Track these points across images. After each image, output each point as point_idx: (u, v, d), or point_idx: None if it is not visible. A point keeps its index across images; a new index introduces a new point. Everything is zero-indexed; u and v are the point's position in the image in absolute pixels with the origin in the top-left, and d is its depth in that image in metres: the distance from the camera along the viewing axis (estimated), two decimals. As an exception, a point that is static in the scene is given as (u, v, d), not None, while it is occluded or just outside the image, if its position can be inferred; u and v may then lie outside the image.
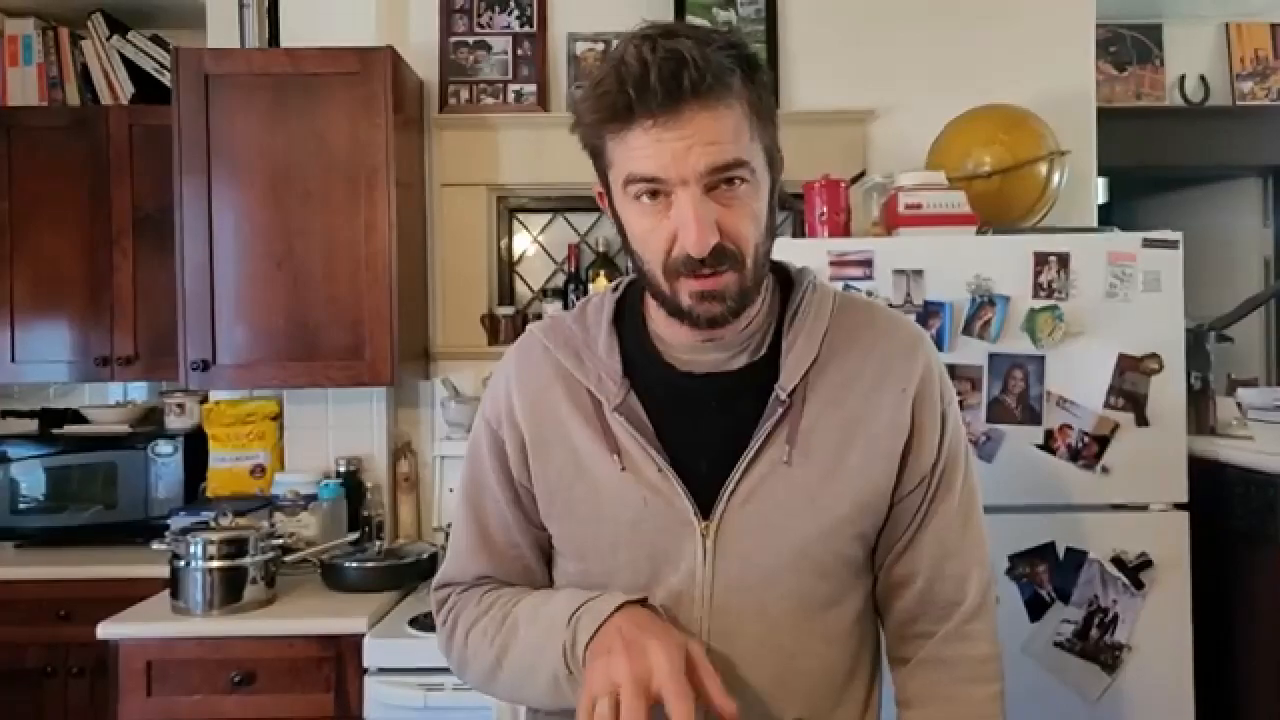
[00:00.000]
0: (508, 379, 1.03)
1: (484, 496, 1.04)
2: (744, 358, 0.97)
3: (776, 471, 0.94)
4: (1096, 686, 1.93)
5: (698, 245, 0.85)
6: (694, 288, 0.89)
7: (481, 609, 1.01)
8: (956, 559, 1.01)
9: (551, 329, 1.03)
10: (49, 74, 2.82)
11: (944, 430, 1.00)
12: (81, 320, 2.71)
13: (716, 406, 0.96)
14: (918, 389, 0.98)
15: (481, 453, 1.04)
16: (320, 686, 1.98)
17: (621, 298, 1.03)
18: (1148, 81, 3.26)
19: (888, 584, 1.03)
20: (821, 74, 2.59)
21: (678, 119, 0.84)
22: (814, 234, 2.13)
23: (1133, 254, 1.94)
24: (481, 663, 1.00)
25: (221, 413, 2.51)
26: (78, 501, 2.64)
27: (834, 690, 0.98)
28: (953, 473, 1.01)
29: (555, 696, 0.93)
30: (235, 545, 2.02)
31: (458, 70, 2.62)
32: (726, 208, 0.87)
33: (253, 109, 2.29)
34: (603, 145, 0.90)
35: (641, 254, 0.91)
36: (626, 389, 0.97)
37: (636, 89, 0.83)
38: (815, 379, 0.96)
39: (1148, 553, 1.93)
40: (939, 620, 1.01)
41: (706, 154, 0.84)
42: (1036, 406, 1.93)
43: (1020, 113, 2.33)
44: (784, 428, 0.94)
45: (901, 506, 1.00)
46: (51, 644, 2.40)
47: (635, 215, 0.90)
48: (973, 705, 1.00)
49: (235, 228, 2.31)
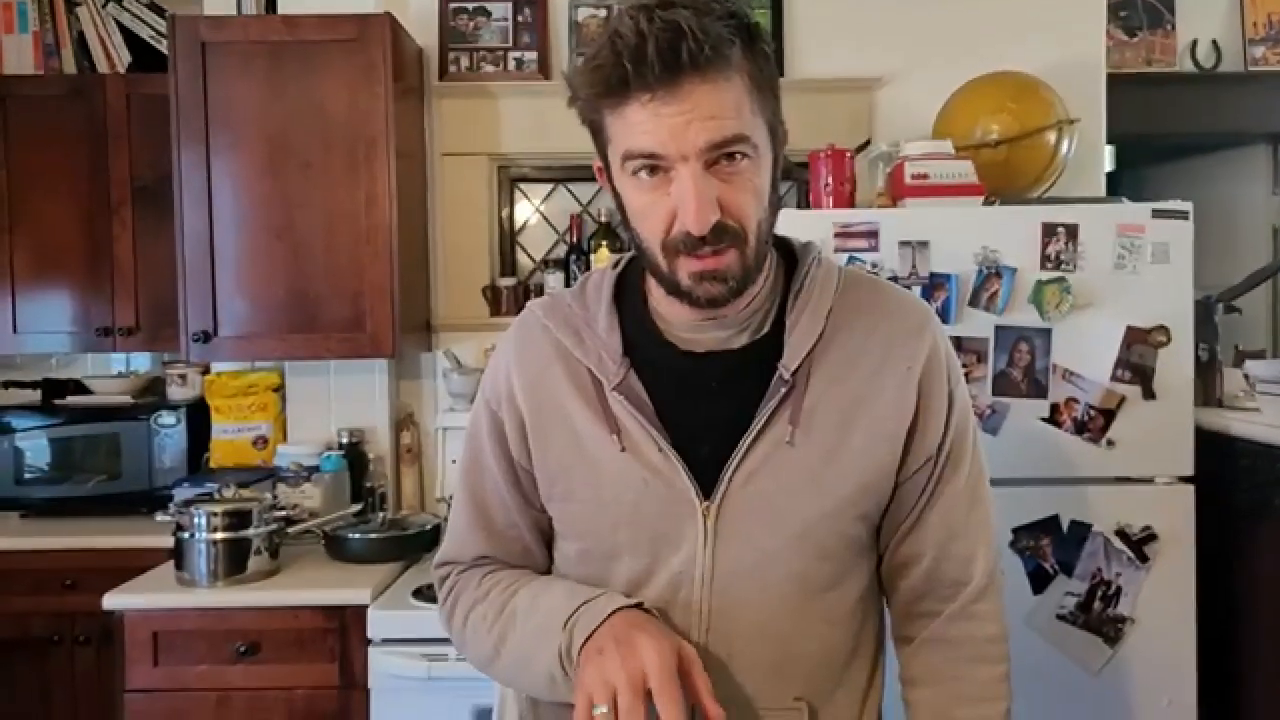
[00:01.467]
0: (507, 359, 1.02)
1: (483, 477, 1.03)
2: (746, 336, 0.95)
3: (779, 451, 0.93)
4: (1098, 659, 1.94)
5: (697, 223, 0.83)
6: (694, 268, 0.87)
7: (481, 593, 1.01)
8: (963, 539, 1.00)
9: (551, 307, 1.02)
10: (45, 41, 2.78)
11: (951, 410, 0.99)
12: (82, 291, 2.70)
13: (718, 386, 0.95)
14: (924, 368, 0.97)
15: (481, 433, 1.03)
16: (324, 657, 1.99)
17: (622, 275, 1.01)
18: (1158, 47, 3.20)
19: (893, 564, 1.02)
20: (827, 41, 2.55)
21: (676, 93, 0.81)
22: (818, 205, 2.11)
23: (1142, 225, 1.92)
24: (480, 649, 1.00)
25: (223, 384, 2.51)
26: (81, 472, 2.65)
27: (835, 671, 0.97)
28: (960, 453, 1.00)
29: (550, 692, 0.93)
30: (239, 517, 2.02)
31: (457, 37, 2.58)
32: (727, 184, 0.85)
33: (250, 77, 2.26)
34: (601, 120, 0.88)
35: (640, 231, 0.89)
36: (627, 368, 0.95)
37: (633, 62, 0.81)
38: (819, 358, 0.94)
39: (1152, 526, 1.93)
40: (945, 600, 1.00)
41: (706, 129, 0.82)
42: (1042, 379, 1.92)
43: (1029, 80, 2.29)
44: (787, 407, 0.93)
45: (907, 486, 0.99)
46: (57, 613, 2.41)
47: (634, 192, 0.88)
48: (978, 685, 0.99)
49: (235, 198, 2.28)
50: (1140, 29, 3.20)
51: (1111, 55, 2.85)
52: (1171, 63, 3.20)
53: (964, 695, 0.99)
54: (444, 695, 1.92)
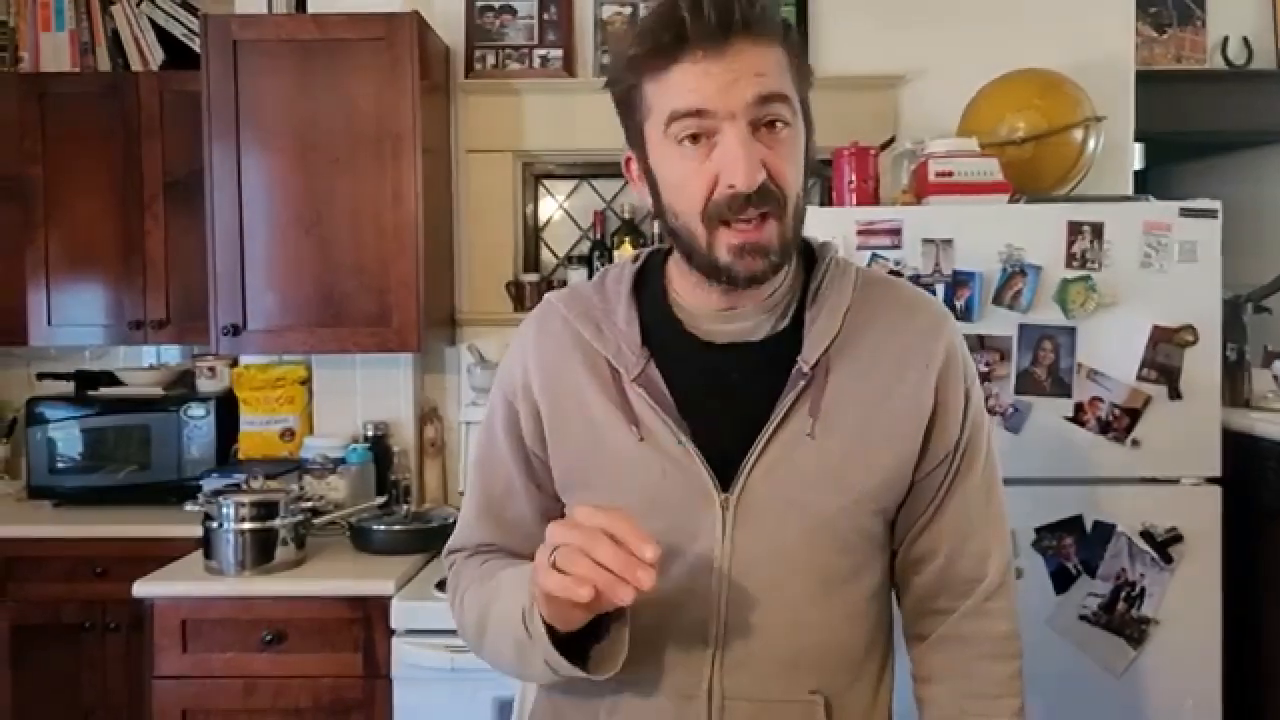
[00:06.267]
0: (524, 350, 1.02)
1: (494, 466, 1.04)
2: (766, 329, 0.96)
3: (800, 444, 0.93)
4: (1122, 660, 1.92)
5: (747, 178, 0.85)
6: (734, 240, 0.88)
7: (479, 574, 1.02)
8: (978, 536, 1.00)
9: (570, 298, 1.02)
10: (81, 39, 2.83)
11: (967, 408, 0.99)
12: (115, 284, 2.74)
13: (738, 378, 0.95)
14: (941, 367, 0.97)
15: (495, 423, 1.04)
16: (349, 646, 2.02)
17: (642, 268, 1.02)
18: (1189, 44, 3.16)
19: (908, 560, 1.03)
20: (852, 38, 2.54)
21: (726, 52, 0.84)
22: (842, 202, 2.11)
23: (1169, 224, 1.90)
24: (470, 627, 1.00)
25: (251, 377, 2.55)
26: (113, 462, 2.69)
27: (851, 665, 0.98)
28: (975, 451, 1.00)
29: (520, 661, 0.91)
30: (266, 508, 2.05)
31: (483, 35, 2.60)
32: (771, 149, 0.87)
33: (280, 75, 2.29)
34: (639, 90, 0.89)
35: (676, 205, 0.90)
36: (646, 359, 0.96)
37: (691, 13, 0.83)
38: (838, 353, 0.95)
39: (1177, 527, 1.91)
40: (959, 597, 1.00)
41: (754, 84, 0.85)
42: (1067, 378, 1.91)
43: (1056, 77, 2.28)
44: (806, 400, 0.93)
45: (924, 483, 0.99)
46: (88, 600, 2.46)
47: (675, 161, 0.88)
48: (992, 682, 0.99)
49: (264, 194, 2.32)
50: (1170, 25, 3.16)
51: (1140, 52, 2.82)
52: (1202, 60, 3.16)
53: (978, 692, 0.99)
54: (466, 686, 1.94)
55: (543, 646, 0.86)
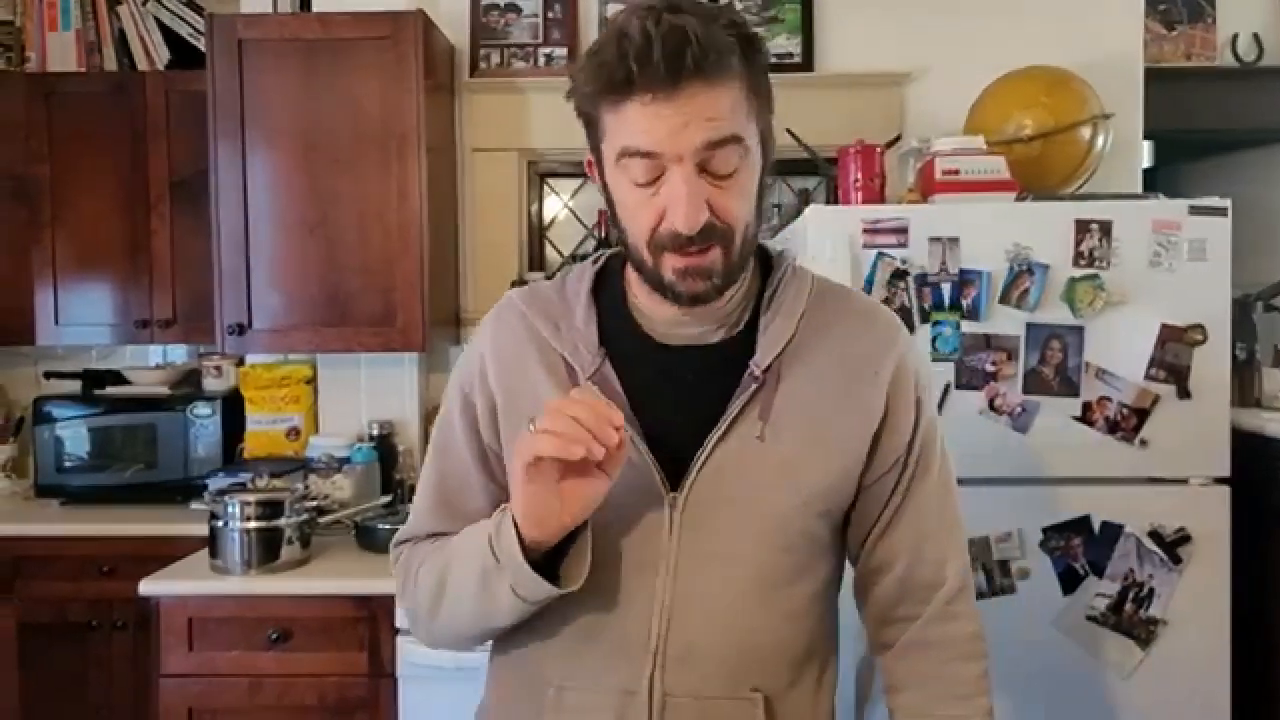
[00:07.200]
0: (483, 344, 1.04)
1: (449, 459, 1.05)
2: (721, 333, 0.98)
3: (749, 447, 0.94)
4: (1130, 661, 1.91)
5: (687, 222, 0.86)
6: (678, 264, 0.89)
7: (431, 549, 1.03)
8: (935, 543, 1.02)
9: (530, 297, 1.04)
10: (87, 39, 2.84)
11: (919, 416, 1.01)
12: (122, 284, 2.75)
13: (692, 379, 0.97)
14: (893, 375, 1.00)
15: (452, 416, 1.05)
16: (354, 645, 2.02)
17: (602, 269, 1.04)
18: (1198, 40, 3.14)
19: (868, 569, 1.04)
20: (857, 35, 2.54)
21: (677, 95, 0.84)
22: (847, 201, 2.10)
23: (1178, 222, 1.89)
24: (427, 594, 1.00)
25: (257, 376, 2.55)
26: (120, 461, 2.70)
27: (792, 664, 0.99)
28: (928, 459, 1.02)
29: (484, 600, 0.93)
30: (271, 507, 2.05)
31: (488, 33, 2.60)
32: (718, 188, 0.88)
33: (285, 74, 2.30)
34: (597, 115, 0.90)
35: (628, 226, 0.92)
36: (602, 358, 0.97)
37: (639, 62, 0.83)
38: (790, 359, 0.97)
39: (1186, 527, 1.90)
40: (921, 603, 1.02)
41: (703, 130, 0.85)
42: (1074, 378, 1.90)
43: (1063, 74, 2.26)
44: (757, 404, 0.95)
45: (875, 488, 1.01)
46: (95, 599, 2.47)
47: (625, 189, 0.90)
48: (963, 684, 1.01)
49: (269, 194, 2.32)
50: (1180, 22, 3.14)
51: (1149, 49, 2.80)
52: (1212, 57, 3.13)
53: (950, 694, 1.00)
54: (471, 685, 1.90)
55: (513, 566, 0.89)
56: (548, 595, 0.90)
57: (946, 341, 1.90)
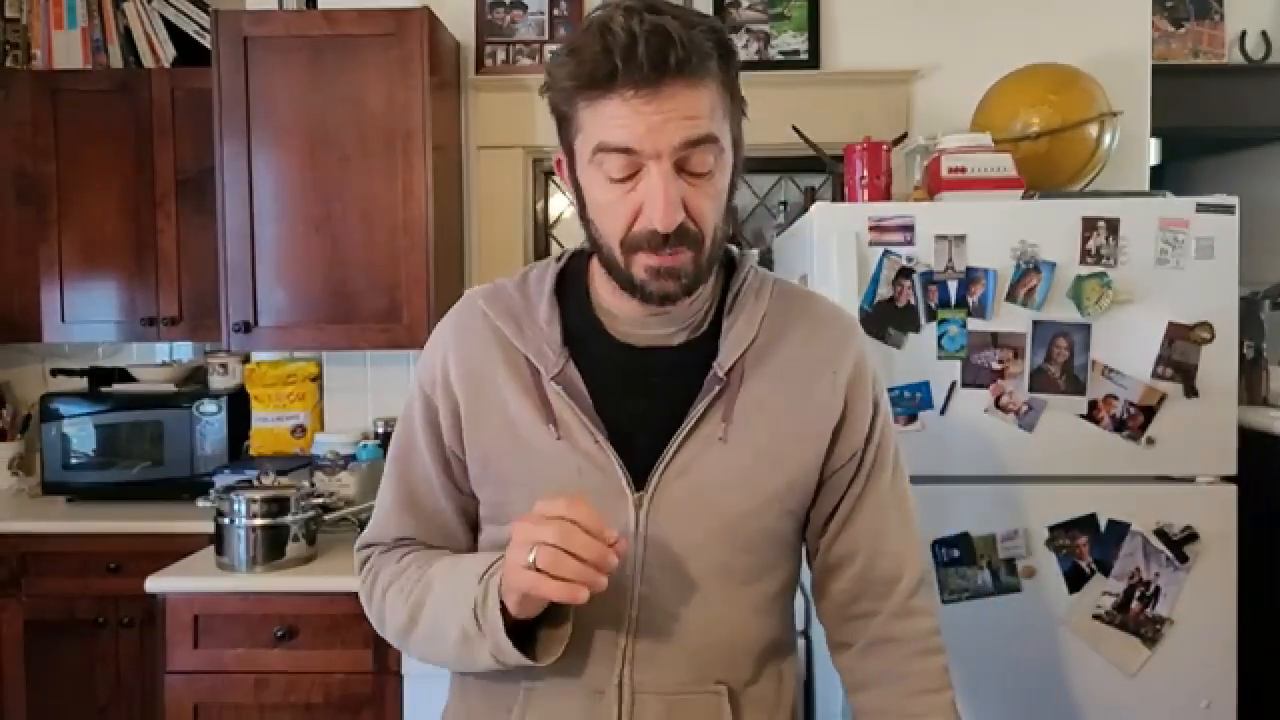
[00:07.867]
0: (444, 344, 1.03)
1: (412, 460, 1.04)
2: (685, 334, 0.99)
3: (712, 447, 0.95)
4: (1135, 660, 1.91)
5: (665, 220, 0.86)
6: (650, 263, 0.90)
7: (400, 568, 1.02)
8: (893, 536, 1.03)
9: (492, 295, 1.03)
10: (92, 37, 2.85)
11: (875, 413, 1.03)
12: (128, 281, 2.76)
13: (657, 380, 0.98)
14: (851, 374, 1.01)
15: (413, 416, 1.04)
16: (359, 642, 2.02)
17: (565, 268, 1.03)
18: (1206, 38, 3.13)
19: (827, 564, 1.05)
20: (864, 33, 2.53)
21: (659, 93, 0.84)
22: (854, 198, 2.09)
23: (1185, 220, 1.88)
24: (397, 619, 1.01)
25: (263, 373, 2.56)
26: (126, 458, 2.71)
27: (756, 659, 1.01)
28: (884, 455, 1.04)
29: (463, 652, 0.93)
30: (277, 504, 2.06)
31: (494, 31, 2.60)
32: (693, 187, 0.88)
33: (291, 71, 2.30)
34: (573, 111, 0.90)
35: (600, 225, 0.92)
36: (566, 359, 0.97)
37: (623, 59, 0.83)
38: (752, 359, 0.98)
39: (1193, 526, 1.89)
40: (880, 598, 1.03)
41: (682, 129, 0.85)
42: (1081, 376, 1.89)
43: (1070, 72, 2.25)
44: (720, 405, 0.96)
45: (832, 482, 1.02)
46: (101, 596, 2.48)
47: (600, 186, 0.90)
48: (929, 677, 1.02)
49: (275, 191, 2.32)
50: (1187, 19, 3.13)
51: (1157, 46, 2.80)
52: (1220, 54, 3.12)
53: (916, 689, 1.01)
54: (476, 683, 1.94)
55: (494, 639, 0.89)
56: (528, 664, 0.91)
57: (952, 339, 1.89)
